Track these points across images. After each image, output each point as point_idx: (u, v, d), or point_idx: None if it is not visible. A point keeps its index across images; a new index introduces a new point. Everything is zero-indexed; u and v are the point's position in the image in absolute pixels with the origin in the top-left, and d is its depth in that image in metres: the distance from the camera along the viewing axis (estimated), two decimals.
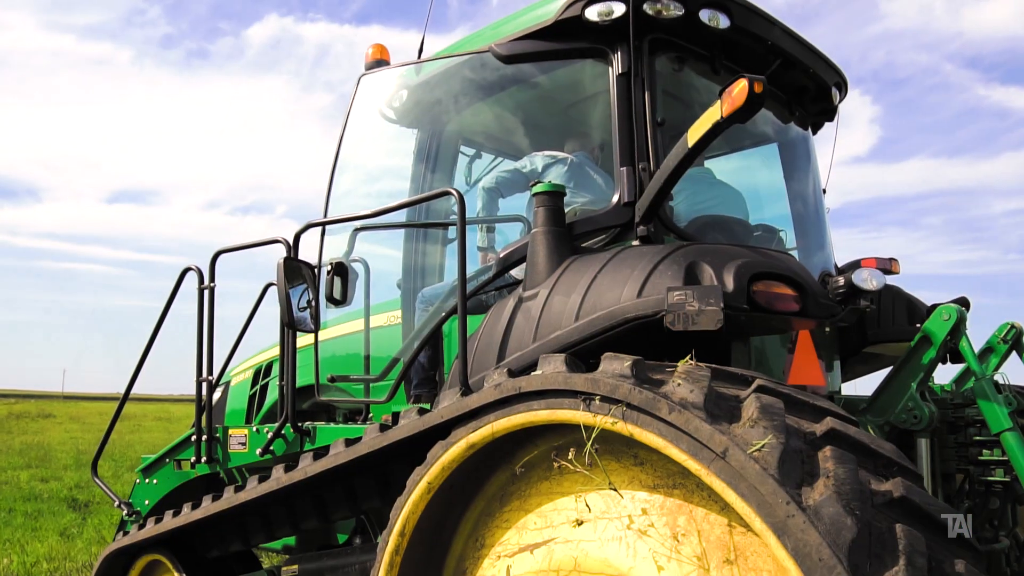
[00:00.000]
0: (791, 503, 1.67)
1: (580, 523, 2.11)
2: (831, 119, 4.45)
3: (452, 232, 4.42)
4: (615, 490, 2.08)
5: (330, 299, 3.80)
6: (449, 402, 2.49)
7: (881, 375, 4.51)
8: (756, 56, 3.69)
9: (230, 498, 3.32)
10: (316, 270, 3.82)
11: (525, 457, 2.48)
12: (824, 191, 4.48)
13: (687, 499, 2.07)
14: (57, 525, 9.57)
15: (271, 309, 4.69)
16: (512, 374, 2.36)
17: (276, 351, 5.68)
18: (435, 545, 2.64)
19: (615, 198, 3.28)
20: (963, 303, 3.62)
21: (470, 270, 3.23)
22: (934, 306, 3.83)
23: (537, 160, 3.78)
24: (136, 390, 4.78)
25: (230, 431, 4.21)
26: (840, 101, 4.33)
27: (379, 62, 4.37)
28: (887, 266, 4.22)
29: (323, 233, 3.99)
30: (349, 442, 2.88)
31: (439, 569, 2.67)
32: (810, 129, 4.43)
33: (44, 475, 14.72)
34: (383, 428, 2.75)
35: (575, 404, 2.10)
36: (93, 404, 49.92)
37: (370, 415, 4.19)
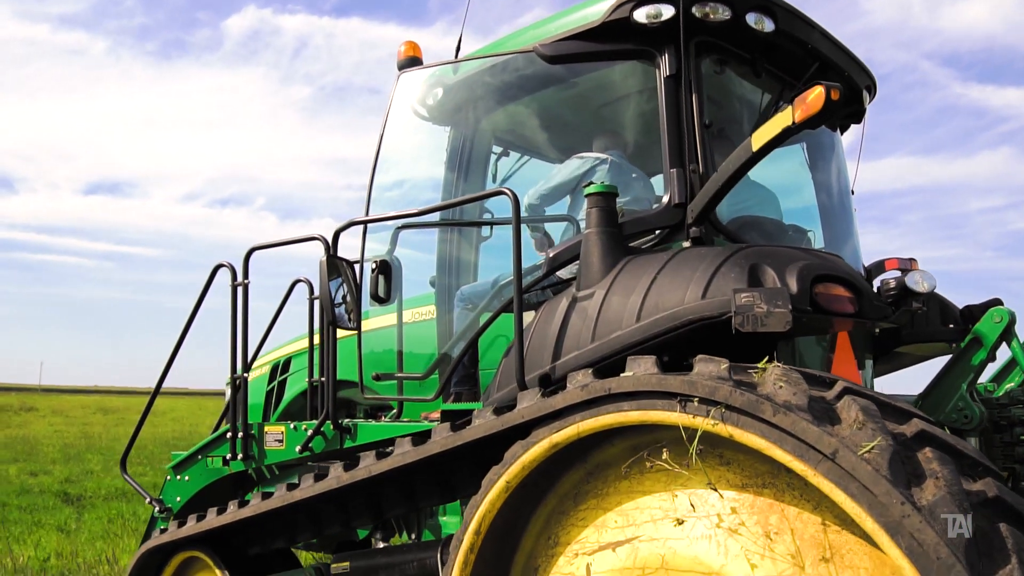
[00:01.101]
0: (906, 503, 1.72)
1: (681, 522, 2.15)
2: (859, 121, 4.50)
3: (485, 231, 4.44)
4: (715, 489, 2.12)
5: (374, 297, 3.80)
6: (530, 402, 2.50)
7: (894, 374, 4.60)
8: (796, 59, 3.73)
9: (283, 496, 3.31)
10: (357, 267, 3.83)
11: (599, 456, 2.52)
12: (852, 192, 4.54)
13: (778, 498, 2.11)
14: (55, 520, 9.51)
15: (273, 306, 4.67)
16: (599, 375, 2.39)
17: (294, 347, 5.69)
18: (505, 542, 2.66)
19: (665, 199, 3.30)
20: (997, 304, 3.69)
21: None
22: (967, 307, 3.91)
23: (579, 163, 3.80)
24: (119, 383, 4.75)
25: (266, 428, 4.21)
26: (869, 103, 4.39)
27: (412, 60, 4.36)
28: (907, 266, 4.28)
29: (364, 231, 3.99)
30: (416, 441, 2.88)
31: (507, 566, 2.69)
32: (838, 130, 4.49)
33: (33, 469, 14.59)
34: (455, 428, 2.76)
35: (670, 406, 2.13)
36: (74, 397, 49.54)
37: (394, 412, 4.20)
